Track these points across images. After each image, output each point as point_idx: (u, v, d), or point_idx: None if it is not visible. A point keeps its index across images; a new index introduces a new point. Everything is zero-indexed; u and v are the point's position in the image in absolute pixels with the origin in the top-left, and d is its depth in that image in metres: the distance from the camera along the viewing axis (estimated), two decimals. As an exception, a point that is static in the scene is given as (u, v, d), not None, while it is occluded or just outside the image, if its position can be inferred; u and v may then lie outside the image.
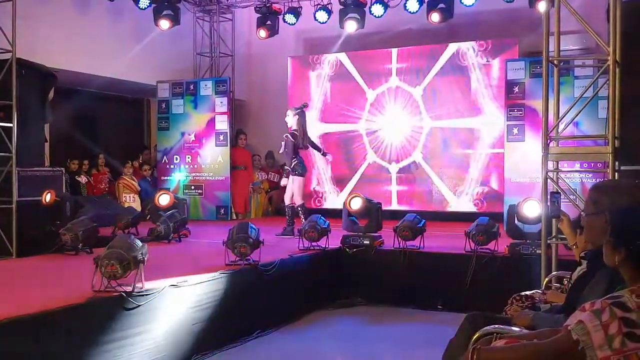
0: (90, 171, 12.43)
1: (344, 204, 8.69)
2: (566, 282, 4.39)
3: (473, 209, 11.69)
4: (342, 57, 13.06)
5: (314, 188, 13.21)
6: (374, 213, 8.56)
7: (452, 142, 12.17)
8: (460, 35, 12.16)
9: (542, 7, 8.75)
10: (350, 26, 12.19)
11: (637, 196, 2.89)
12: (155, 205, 9.75)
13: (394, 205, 12.38)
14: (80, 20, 11.73)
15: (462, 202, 12.00)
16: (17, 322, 4.49)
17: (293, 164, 9.60)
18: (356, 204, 8.50)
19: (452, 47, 12.13)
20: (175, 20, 12.70)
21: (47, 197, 9.11)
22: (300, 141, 9.69)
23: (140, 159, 13.31)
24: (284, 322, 7.09)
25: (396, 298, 7.99)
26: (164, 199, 9.77)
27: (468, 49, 12.00)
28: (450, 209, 12.06)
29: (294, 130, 9.69)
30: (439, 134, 12.25)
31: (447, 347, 3.89)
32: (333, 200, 12.96)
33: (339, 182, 13.04)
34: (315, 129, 13.02)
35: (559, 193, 5.57)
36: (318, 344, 6.71)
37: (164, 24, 12.59)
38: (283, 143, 9.67)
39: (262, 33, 13.05)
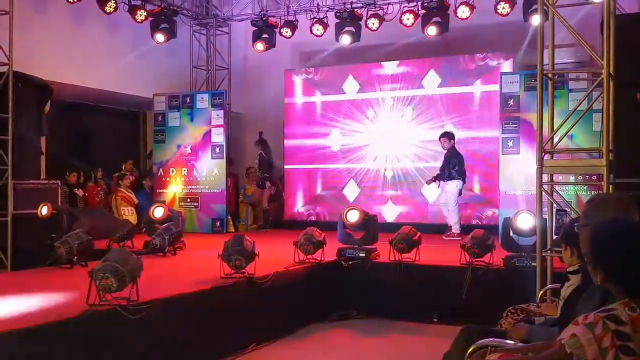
0: (85, 184, 12.40)
1: (341, 216, 8.68)
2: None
3: (469, 221, 11.69)
4: (338, 70, 13.11)
5: (308, 203, 13.28)
6: (370, 225, 8.55)
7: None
8: (455, 49, 12.23)
9: (536, 20, 8.80)
10: (346, 39, 12.25)
11: (622, 210, 2.90)
12: (150, 218, 9.76)
13: (389, 218, 12.38)
14: (77, 34, 11.77)
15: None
16: (10, 335, 4.48)
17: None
18: (353, 217, 8.50)
19: (448, 60, 12.19)
20: (171, 33, 12.75)
21: (44, 210, 9.07)
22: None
23: (124, 168, 13.14)
24: (279, 335, 7.06)
25: (391, 311, 7.96)
26: (158, 212, 9.79)
27: (463, 62, 12.06)
28: (446, 222, 12.03)
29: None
30: (435, 147, 12.26)
31: (442, 360, 3.88)
32: (326, 213, 13.03)
33: (333, 195, 13.07)
34: (309, 142, 13.15)
35: (565, 211, 5.59)
36: (313, 357, 6.69)
37: (160, 37, 12.65)
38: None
39: (259, 46, 13.09)
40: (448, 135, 10.96)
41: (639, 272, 2.35)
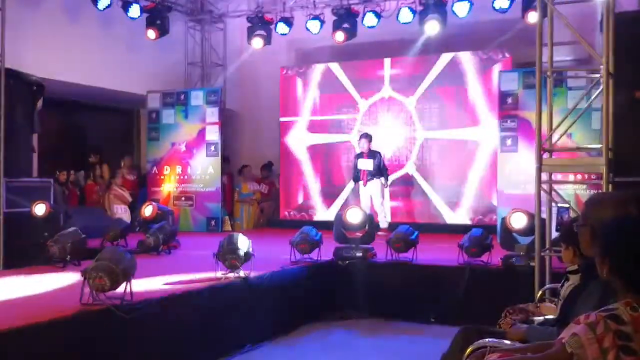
0: (82, 181, 12.34)
1: (340, 215, 8.62)
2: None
3: (466, 220, 11.65)
4: (334, 67, 13.05)
5: (304, 201, 13.23)
6: (368, 225, 8.51)
7: (446, 153, 12.15)
8: (453, 46, 12.14)
9: (534, 18, 8.74)
10: (340, 36, 12.17)
11: (620, 210, 2.87)
12: (142, 217, 9.72)
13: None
14: (69, 30, 11.65)
15: (455, 214, 11.96)
16: (2, 335, 4.41)
17: None
18: (355, 217, 8.43)
19: (445, 58, 12.13)
20: (164, 30, 12.64)
21: (41, 209, 8.98)
22: None
23: (123, 164, 13.10)
24: (275, 335, 7.02)
25: (389, 311, 7.92)
26: (147, 210, 9.77)
27: (461, 59, 12.01)
28: (444, 221, 12.01)
29: None
30: (433, 146, 12.23)
31: (441, 361, 3.84)
32: (323, 212, 12.97)
33: (330, 194, 13.01)
34: (305, 140, 13.08)
35: (567, 208, 5.54)
36: (310, 357, 6.63)
37: (152, 34, 12.52)
38: None
39: (257, 43, 13.00)
40: (369, 137, 11.25)
41: None
